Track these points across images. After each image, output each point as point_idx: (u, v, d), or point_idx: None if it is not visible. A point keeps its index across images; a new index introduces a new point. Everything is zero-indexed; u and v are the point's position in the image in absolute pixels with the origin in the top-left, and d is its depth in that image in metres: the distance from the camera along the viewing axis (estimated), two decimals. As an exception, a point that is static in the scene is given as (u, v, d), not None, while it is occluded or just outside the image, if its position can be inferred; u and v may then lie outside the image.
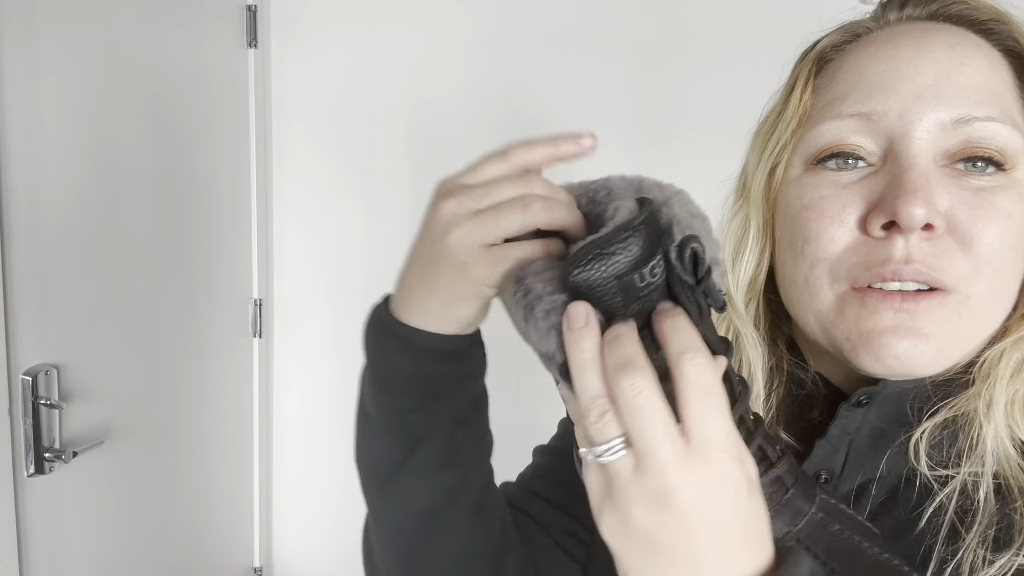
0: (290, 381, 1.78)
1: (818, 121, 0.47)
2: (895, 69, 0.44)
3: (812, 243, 0.45)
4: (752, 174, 0.52)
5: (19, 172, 1.06)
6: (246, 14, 1.63)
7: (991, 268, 0.42)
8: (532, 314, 0.38)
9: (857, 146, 0.45)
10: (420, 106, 1.66)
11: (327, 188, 1.72)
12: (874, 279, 0.43)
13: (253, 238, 1.68)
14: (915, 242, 0.41)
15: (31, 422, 1.07)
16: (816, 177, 0.46)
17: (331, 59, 1.67)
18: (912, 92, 0.43)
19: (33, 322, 1.09)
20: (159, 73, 1.37)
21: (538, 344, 0.38)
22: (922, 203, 0.40)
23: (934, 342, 0.42)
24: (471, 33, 1.62)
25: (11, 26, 1.04)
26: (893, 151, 0.44)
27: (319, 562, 1.81)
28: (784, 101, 0.51)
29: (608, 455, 0.34)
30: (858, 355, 0.44)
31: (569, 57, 1.60)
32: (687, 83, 1.56)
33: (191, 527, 1.54)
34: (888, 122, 0.44)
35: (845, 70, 0.48)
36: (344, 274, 1.73)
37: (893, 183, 0.42)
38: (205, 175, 1.52)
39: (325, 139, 1.71)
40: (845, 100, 0.46)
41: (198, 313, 1.52)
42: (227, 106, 1.59)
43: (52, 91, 1.12)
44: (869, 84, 0.45)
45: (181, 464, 1.49)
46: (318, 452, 1.77)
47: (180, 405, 1.48)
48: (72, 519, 1.19)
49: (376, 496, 0.52)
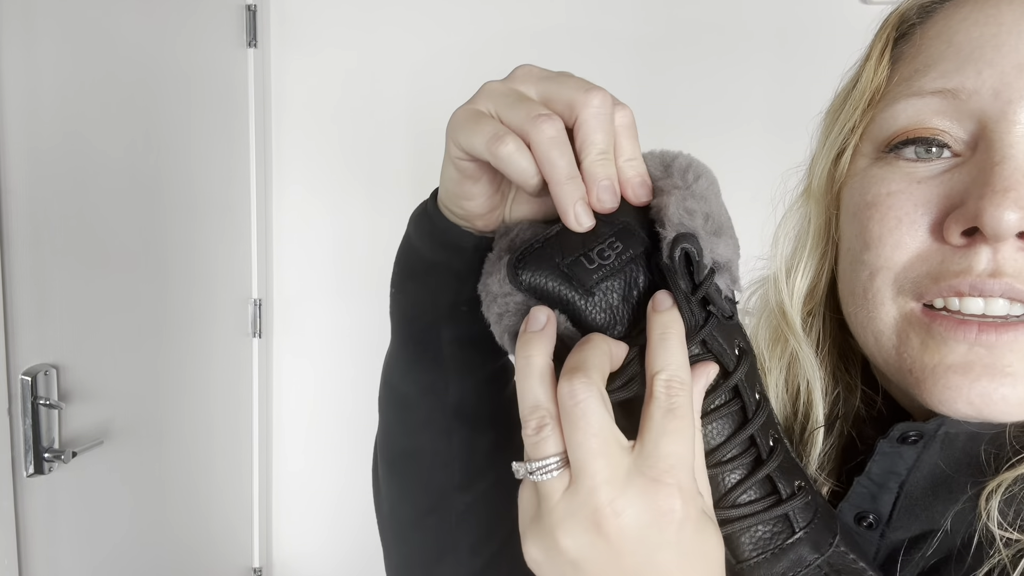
0: (290, 381, 1.78)
1: (894, 99, 0.39)
2: (993, 35, 0.35)
3: (873, 248, 0.37)
4: (815, 164, 0.44)
5: (19, 172, 1.06)
6: (246, 14, 1.63)
7: None
8: (488, 313, 0.36)
9: (940, 131, 0.36)
10: (420, 105, 1.66)
11: (327, 188, 1.72)
12: (946, 293, 0.35)
13: (253, 238, 1.68)
14: (1007, 253, 0.33)
15: (30, 422, 1.07)
16: (887, 169, 0.38)
17: (331, 59, 1.67)
18: (1014, 64, 0.34)
19: (33, 322, 1.09)
20: (159, 73, 1.37)
21: (500, 344, 0.36)
22: (1015, 205, 0.32)
23: (1021, 383, 0.34)
24: (471, 33, 1.62)
25: (10, 26, 1.04)
26: (985, 138, 0.35)
27: (319, 562, 1.81)
28: (855, 76, 0.43)
29: (541, 473, 0.30)
30: (923, 393, 0.36)
31: (569, 58, 1.60)
32: (688, 83, 1.56)
33: (191, 527, 1.53)
34: (980, 101, 0.35)
35: (932, 35, 0.38)
36: (344, 274, 1.73)
37: (980, 179, 0.34)
38: (205, 175, 1.52)
39: (324, 139, 1.70)
40: (928, 73, 0.37)
41: (198, 313, 1.52)
42: (227, 106, 1.59)
43: (51, 90, 1.12)
44: (959, 53, 0.36)
45: (181, 464, 1.49)
46: (318, 452, 1.77)
47: (180, 405, 1.47)
48: (71, 520, 1.19)
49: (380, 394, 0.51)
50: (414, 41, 1.64)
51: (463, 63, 1.63)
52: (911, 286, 0.36)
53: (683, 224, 0.33)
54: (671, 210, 0.33)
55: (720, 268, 0.34)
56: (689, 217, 0.33)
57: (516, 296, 0.34)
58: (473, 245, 0.40)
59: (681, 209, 0.33)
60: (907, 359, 0.37)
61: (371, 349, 1.84)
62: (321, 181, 1.72)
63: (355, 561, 1.79)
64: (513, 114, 0.34)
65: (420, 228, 0.43)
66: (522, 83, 0.36)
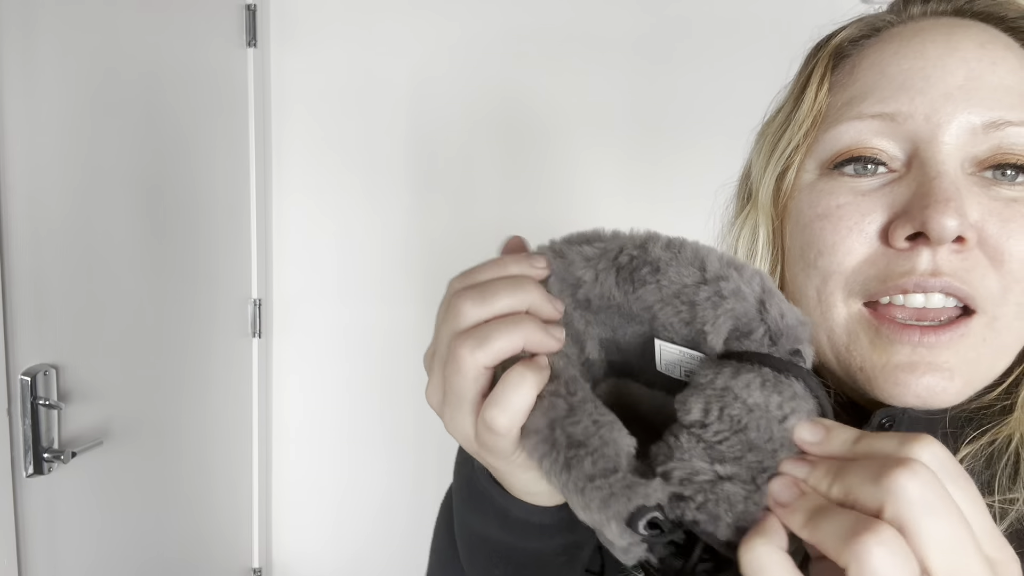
0: (290, 381, 1.78)
1: (836, 122, 0.43)
2: (921, 67, 0.41)
3: (827, 255, 0.42)
4: (759, 178, 0.48)
5: (19, 172, 1.06)
6: (245, 13, 1.63)
7: (1020, 287, 0.39)
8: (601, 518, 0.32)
9: (879, 150, 0.42)
10: (419, 106, 1.66)
11: (326, 188, 1.72)
12: (893, 291, 0.40)
13: (252, 238, 1.68)
14: (944, 255, 0.38)
15: (30, 422, 1.07)
16: (832, 183, 0.43)
17: (331, 59, 1.67)
18: (941, 93, 0.40)
19: (32, 322, 1.09)
20: (158, 72, 1.37)
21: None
22: (955, 213, 0.37)
23: (958, 376, 0.39)
24: (471, 33, 1.62)
25: (10, 26, 1.04)
26: (919, 157, 0.40)
27: (319, 562, 1.81)
28: (796, 99, 0.47)
29: None
30: (874, 389, 0.41)
31: (568, 57, 1.60)
32: (687, 83, 1.56)
33: (191, 527, 1.53)
34: (913, 124, 0.40)
35: (865, 67, 0.44)
36: (344, 274, 1.73)
37: (921, 191, 0.39)
38: (204, 175, 1.52)
39: (324, 139, 1.70)
40: (866, 99, 0.42)
41: (198, 313, 1.52)
42: (226, 106, 1.59)
43: (51, 90, 1.12)
44: (893, 82, 0.42)
45: (180, 464, 1.49)
46: (318, 452, 1.77)
47: (179, 405, 1.47)
48: (71, 520, 1.18)
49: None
50: (414, 41, 1.64)
51: (463, 63, 1.63)
52: (860, 288, 0.41)
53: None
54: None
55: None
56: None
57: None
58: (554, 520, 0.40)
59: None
60: (857, 357, 0.41)
61: (371, 349, 1.85)
62: (321, 181, 1.72)
63: (355, 561, 1.79)
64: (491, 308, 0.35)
65: (512, 525, 0.40)
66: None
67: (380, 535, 1.76)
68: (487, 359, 0.34)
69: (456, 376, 0.34)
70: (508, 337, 0.34)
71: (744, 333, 0.32)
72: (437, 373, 0.36)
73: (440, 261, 1.68)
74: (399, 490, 1.74)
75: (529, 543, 0.41)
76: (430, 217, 1.68)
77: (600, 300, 0.36)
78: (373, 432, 1.74)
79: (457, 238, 1.67)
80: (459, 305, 0.34)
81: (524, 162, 1.64)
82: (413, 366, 1.70)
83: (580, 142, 1.61)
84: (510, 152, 1.64)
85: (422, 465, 1.72)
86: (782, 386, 0.31)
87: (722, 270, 0.33)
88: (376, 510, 1.76)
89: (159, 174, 1.38)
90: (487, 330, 0.34)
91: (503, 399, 0.33)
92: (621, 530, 0.30)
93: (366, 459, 1.75)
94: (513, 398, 0.33)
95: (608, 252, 0.36)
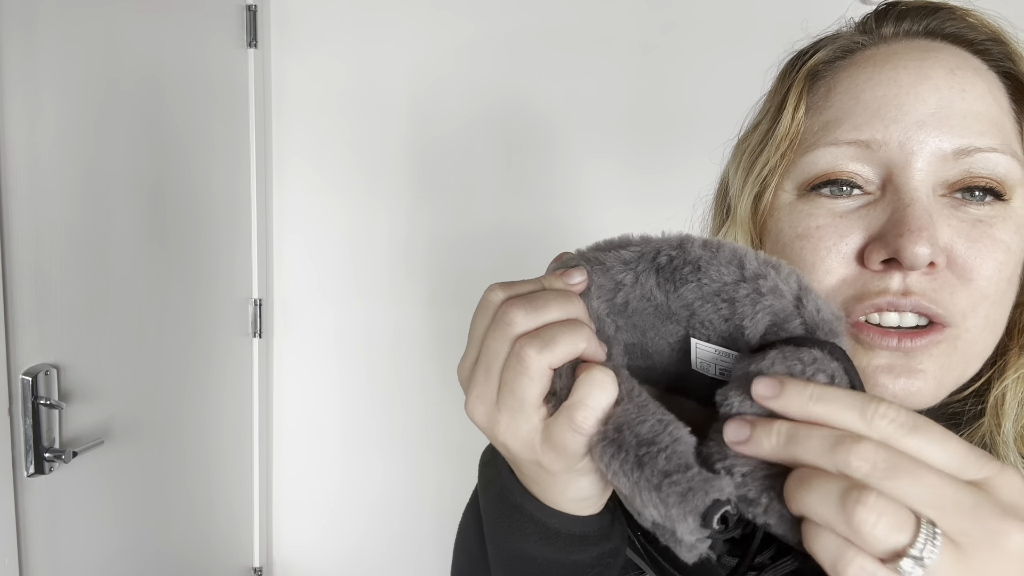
0: (290, 381, 1.78)
1: (812, 146, 0.45)
2: (895, 95, 0.43)
3: (807, 274, 0.43)
4: (738, 195, 0.50)
5: (19, 172, 1.06)
6: (246, 14, 1.63)
7: (988, 302, 0.42)
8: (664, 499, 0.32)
9: (854, 174, 0.44)
10: (420, 106, 1.66)
11: (327, 188, 1.72)
12: (869, 310, 0.42)
13: (253, 238, 1.68)
14: (914, 277, 0.41)
15: (31, 422, 1.07)
16: (811, 204, 0.45)
17: (331, 59, 1.67)
18: (913, 121, 0.42)
19: (33, 322, 1.09)
20: (159, 73, 1.37)
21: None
22: (927, 242, 0.39)
23: (932, 379, 0.42)
24: (471, 33, 1.62)
25: (10, 26, 1.04)
26: (893, 182, 0.42)
27: (319, 562, 1.81)
28: (773, 119, 0.49)
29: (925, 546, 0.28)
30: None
31: (569, 57, 1.60)
32: (689, 85, 1.56)
33: (191, 527, 1.53)
34: (888, 152, 0.42)
35: (840, 91, 0.46)
36: (344, 274, 1.73)
37: (895, 218, 0.41)
38: (205, 175, 1.52)
39: (325, 139, 1.71)
40: (841, 125, 0.44)
41: (198, 313, 1.52)
42: (227, 106, 1.59)
43: (51, 90, 1.12)
44: (867, 109, 0.44)
45: (181, 464, 1.49)
46: (318, 452, 1.77)
47: (180, 405, 1.47)
48: (72, 519, 1.19)
49: None
50: (414, 41, 1.64)
51: (463, 63, 1.63)
52: (839, 306, 0.42)
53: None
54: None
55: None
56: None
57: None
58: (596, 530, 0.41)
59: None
60: None
61: (371, 349, 1.85)
62: (321, 181, 1.72)
63: (355, 560, 1.79)
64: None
65: (550, 538, 0.40)
66: None
67: (380, 535, 1.77)
68: (554, 359, 0.34)
69: (522, 378, 0.34)
70: (573, 340, 0.34)
71: (782, 328, 0.34)
72: (489, 380, 0.36)
73: (441, 261, 1.68)
74: (399, 490, 1.74)
75: (570, 555, 0.41)
76: (430, 217, 1.68)
77: (639, 302, 0.38)
78: (373, 432, 1.74)
79: (457, 238, 1.67)
80: (511, 313, 0.35)
81: (524, 163, 1.64)
82: (413, 366, 1.70)
83: (581, 143, 1.61)
84: (510, 153, 1.64)
85: (422, 465, 1.73)
86: (803, 352, 0.32)
87: (760, 268, 0.34)
88: (376, 510, 1.76)
89: (160, 175, 1.39)
90: (553, 332, 0.34)
91: (590, 399, 0.33)
92: (696, 525, 0.31)
93: (366, 459, 1.75)
94: (600, 397, 0.34)
95: (646, 254, 0.37)
